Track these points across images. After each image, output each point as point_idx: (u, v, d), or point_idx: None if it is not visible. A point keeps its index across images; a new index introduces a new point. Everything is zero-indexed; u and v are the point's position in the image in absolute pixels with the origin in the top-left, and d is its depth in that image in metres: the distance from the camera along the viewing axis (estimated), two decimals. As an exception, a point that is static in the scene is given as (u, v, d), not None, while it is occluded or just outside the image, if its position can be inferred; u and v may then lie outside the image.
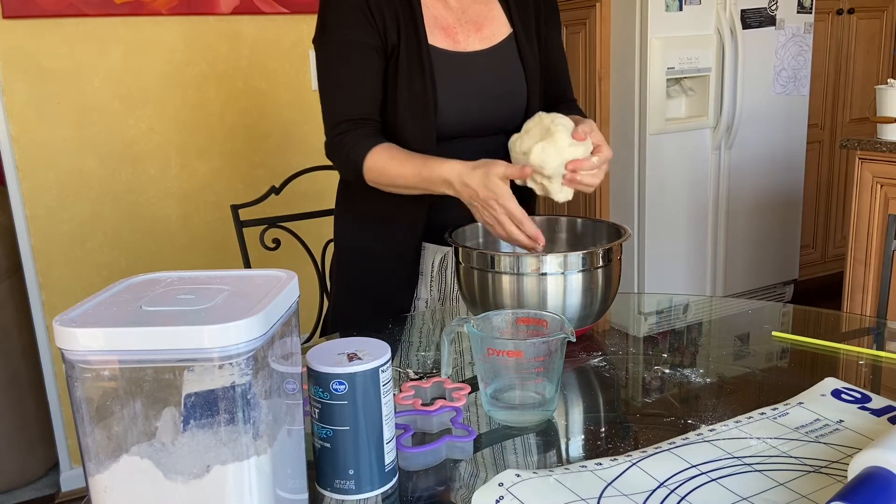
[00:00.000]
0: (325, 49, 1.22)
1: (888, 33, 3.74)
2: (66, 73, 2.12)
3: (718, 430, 0.76)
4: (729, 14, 2.96)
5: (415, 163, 1.15)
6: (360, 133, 1.20)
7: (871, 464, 0.59)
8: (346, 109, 1.22)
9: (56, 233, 2.17)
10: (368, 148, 1.18)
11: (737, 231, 3.22)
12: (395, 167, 1.16)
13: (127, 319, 0.53)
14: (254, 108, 2.37)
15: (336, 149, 1.22)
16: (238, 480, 0.54)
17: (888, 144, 2.23)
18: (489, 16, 1.28)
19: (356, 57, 1.20)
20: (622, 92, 3.00)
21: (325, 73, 1.23)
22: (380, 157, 1.17)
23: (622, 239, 1.07)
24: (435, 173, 1.12)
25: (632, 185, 3.00)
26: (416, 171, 1.14)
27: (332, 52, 1.21)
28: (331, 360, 0.66)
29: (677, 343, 1.04)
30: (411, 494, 0.69)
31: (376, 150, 1.18)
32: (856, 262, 2.36)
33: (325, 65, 1.23)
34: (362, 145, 1.19)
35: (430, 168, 1.13)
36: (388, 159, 1.17)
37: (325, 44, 1.22)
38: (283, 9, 2.32)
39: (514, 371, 0.81)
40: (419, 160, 1.15)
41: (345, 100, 1.22)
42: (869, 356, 0.95)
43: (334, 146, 1.23)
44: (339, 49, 1.20)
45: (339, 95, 1.22)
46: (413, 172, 1.14)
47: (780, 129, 3.25)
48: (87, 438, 0.53)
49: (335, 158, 1.24)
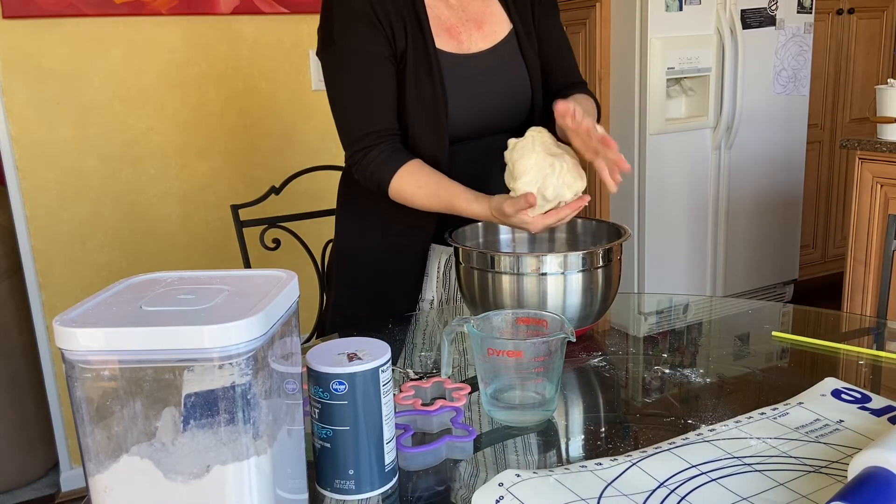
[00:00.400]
0: (335, 62, 1.19)
1: (888, 33, 3.74)
2: (66, 73, 2.12)
3: (718, 430, 0.76)
4: (729, 14, 2.96)
5: (441, 199, 1.15)
6: (382, 150, 1.18)
7: (871, 464, 0.59)
8: (366, 124, 1.19)
9: (56, 233, 2.17)
10: (395, 169, 1.17)
11: (737, 231, 3.22)
12: (421, 199, 1.17)
13: (127, 319, 0.53)
14: (254, 108, 2.37)
15: (359, 166, 1.20)
16: (238, 480, 0.54)
17: (888, 144, 2.23)
18: (488, 12, 1.28)
19: (369, 68, 1.18)
20: (622, 92, 3.00)
21: (337, 86, 1.20)
22: (407, 184, 1.17)
23: (622, 239, 1.07)
24: (461, 213, 1.14)
25: (632, 185, 3.00)
26: (442, 208, 1.16)
27: (344, 65, 1.18)
28: (331, 360, 0.66)
29: (677, 343, 1.04)
30: (411, 494, 0.69)
31: (403, 173, 1.17)
32: (856, 262, 2.36)
33: (337, 78, 1.20)
34: (388, 166, 1.17)
35: (456, 208, 1.14)
36: (416, 188, 1.17)
37: (334, 56, 1.19)
38: (283, 9, 2.32)
39: (514, 371, 0.81)
40: (445, 196, 1.15)
41: (363, 114, 1.19)
42: (869, 356, 0.95)
43: (357, 163, 1.20)
44: (351, 61, 1.18)
45: (356, 110, 1.20)
46: (438, 208, 1.17)
47: (780, 129, 3.25)
48: (87, 438, 0.53)
49: (359, 175, 1.22)
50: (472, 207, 1.12)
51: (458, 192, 1.15)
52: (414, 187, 1.17)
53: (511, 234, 1.22)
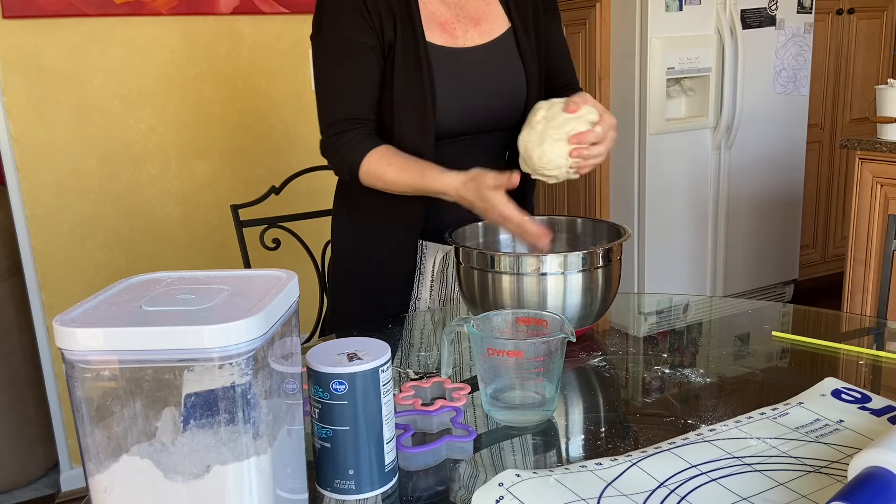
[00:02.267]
0: (322, 48, 1.22)
1: (888, 33, 3.74)
2: (66, 73, 2.12)
3: (718, 430, 0.76)
4: (729, 14, 2.96)
5: (411, 172, 1.16)
6: (356, 134, 1.20)
7: (871, 464, 0.59)
8: (342, 109, 1.21)
9: (56, 233, 2.17)
10: (366, 151, 1.18)
11: (737, 231, 3.22)
12: (392, 174, 1.17)
13: (127, 319, 0.53)
14: (254, 108, 2.37)
15: (331, 148, 1.22)
16: (238, 480, 0.54)
17: (888, 144, 2.23)
18: (486, 10, 1.27)
19: (352, 56, 1.20)
20: (622, 92, 3.00)
21: (321, 72, 1.23)
22: (377, 163, 1.18)
23: (622, 239, 1.07)
24: (430, 186, 1.14)
25: (632, 185, 3.00)
26: (413, 181, 1.16)
27: (329, 52, 1.21)
28: (331, 360, 0.66)
29: (677, 343, 1.04)
30: (411, 494, 0.69)
31: (374, 153, 1.18)
32: (856, 262, 2.36)
33: (322, 64, 1.22)
34: (359, 148, 1.19)
35: (426, 180, 1.15)
36: (386, 165, 1.17)
37: (321, 43, 1.22)
38: (283, 9, 2.32)
39: (514, 371, 0.81)
40: (415, 170, 1.16)
41: (341, 100, 1.22)
42: (869, 356, 0.95)
43: (330, 146, 1.23)
44: (336, 48, 1.20)
45: (335, 95, 1.22)
46: (409, 182, 1.16)
47: (780, 129, 3.25)
48: (87, 438, 0.53)
49: (330, 158, 1.24)
50: (444, 178, 1.13)
51: (429, 165, 1.16)
52: (384, 164, 1.17)
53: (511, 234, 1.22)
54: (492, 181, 1.06)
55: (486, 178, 1.06)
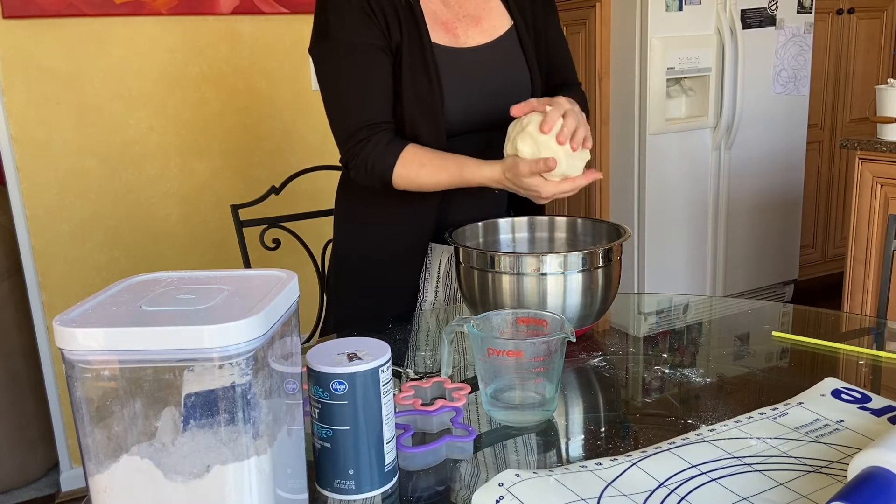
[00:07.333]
0: (329, 54, 1.18)
1: (888, 33, 3.74)
2: (66, 73, 2.12)
3: (718, 430, 0.76)
4: (729, 14, 2.96)
5: (449, 171, 1.15)
6: (379, 140, 1.17)
7: (871, 464, 0.59)
8: (361, 116, 1.17)
9: (56, 233, 2.17)
10: (394, 157, 1.16)
11: (737, 231, 3.22)
12: (427, 177, 1.16)
13: (127, 319, 0.53)
14: (253, 108, 2.37)
15: (356, 160, 1.18)
16: (238, 480, 0.54)
17: (888, 144, 2.23)
18: (486, 8, 1.27)
19: (364, 59, 1.16)
20: (622, 92, 3.00)
21: (331, 80, 1.19)
22: (409, 165, 1.16)
23: (622, 239, 1.07)
24: (471, 181, 1.15)
25: (632, 185, 3.00)
26: (451, 180, 1.16)
27: (339, 57, 1.17)
28: (331, 360, 0.66)
29: (677, 343, 1.04)
30: (411, 494, 0.69)
31: (403, 157, 1.16)
32: (856, 262, 2.36)
33: (332, 71, 1.18)
34: (386, 154, 1.16)
35: (465, 176, 1.15)
36: (419, 167, 1.16)
37: (328, 49, 1.18)
38: (283, 9, 2.32)
39: (514, 371, 0.81)
40: (453, 167, 1.15)
41: (359, 106, 1.18)
42: (869, 356, 0.95)
43: (354, 156, 1.18)
44: (346, 53, 1.16)
45: (351, 102, 1.18)
46: (448, 182, 1.16)
47: (780, 129, 3.25)
48: (87, 438, 0.53)
49: (357, 171, 1.20)
50: (484, 171, 1.13)
51: (464, 160, 1.15)
52: (417, 166, 1.16)
53: (511, 234, 1.22)
54: (526, 169, 1.06)
55: (521, 168, 1.07)
